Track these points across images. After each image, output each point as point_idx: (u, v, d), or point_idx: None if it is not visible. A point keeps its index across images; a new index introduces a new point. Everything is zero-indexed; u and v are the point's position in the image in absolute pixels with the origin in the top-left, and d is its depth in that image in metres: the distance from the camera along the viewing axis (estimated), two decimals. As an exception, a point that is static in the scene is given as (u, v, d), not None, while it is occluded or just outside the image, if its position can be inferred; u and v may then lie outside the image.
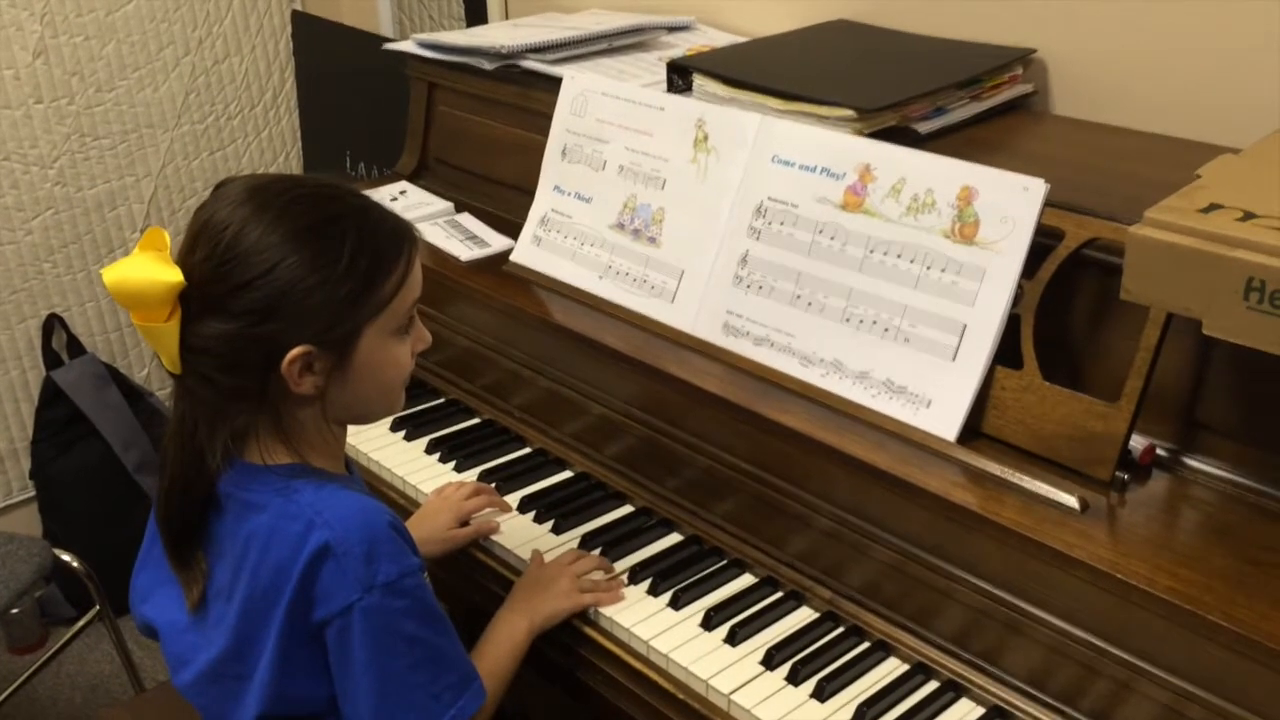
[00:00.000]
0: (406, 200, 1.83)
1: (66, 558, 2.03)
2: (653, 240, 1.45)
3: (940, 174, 1.21)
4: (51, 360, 2.48)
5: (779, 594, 1.26)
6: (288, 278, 0.98)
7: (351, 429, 1.17)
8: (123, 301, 0.96)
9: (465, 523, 1.39)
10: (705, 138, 1.41)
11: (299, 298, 0.98)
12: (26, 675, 2.15)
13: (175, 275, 0.95)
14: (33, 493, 2.54)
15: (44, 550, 1.98)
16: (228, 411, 1.02)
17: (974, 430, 1.17)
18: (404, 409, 1.58)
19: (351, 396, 1.06)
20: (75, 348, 2.53)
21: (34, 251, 2.46)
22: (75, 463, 2.45)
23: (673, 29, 1.87)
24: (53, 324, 2.50)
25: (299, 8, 2.72)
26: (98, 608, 2.08)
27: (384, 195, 1.81)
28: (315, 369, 1.01)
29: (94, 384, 2.47)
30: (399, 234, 1.05)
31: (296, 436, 1.05)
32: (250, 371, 1.00)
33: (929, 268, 1.20)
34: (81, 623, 2.12)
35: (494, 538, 1.38)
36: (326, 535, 0.99)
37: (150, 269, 0.95)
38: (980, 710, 1.11)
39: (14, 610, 2.33)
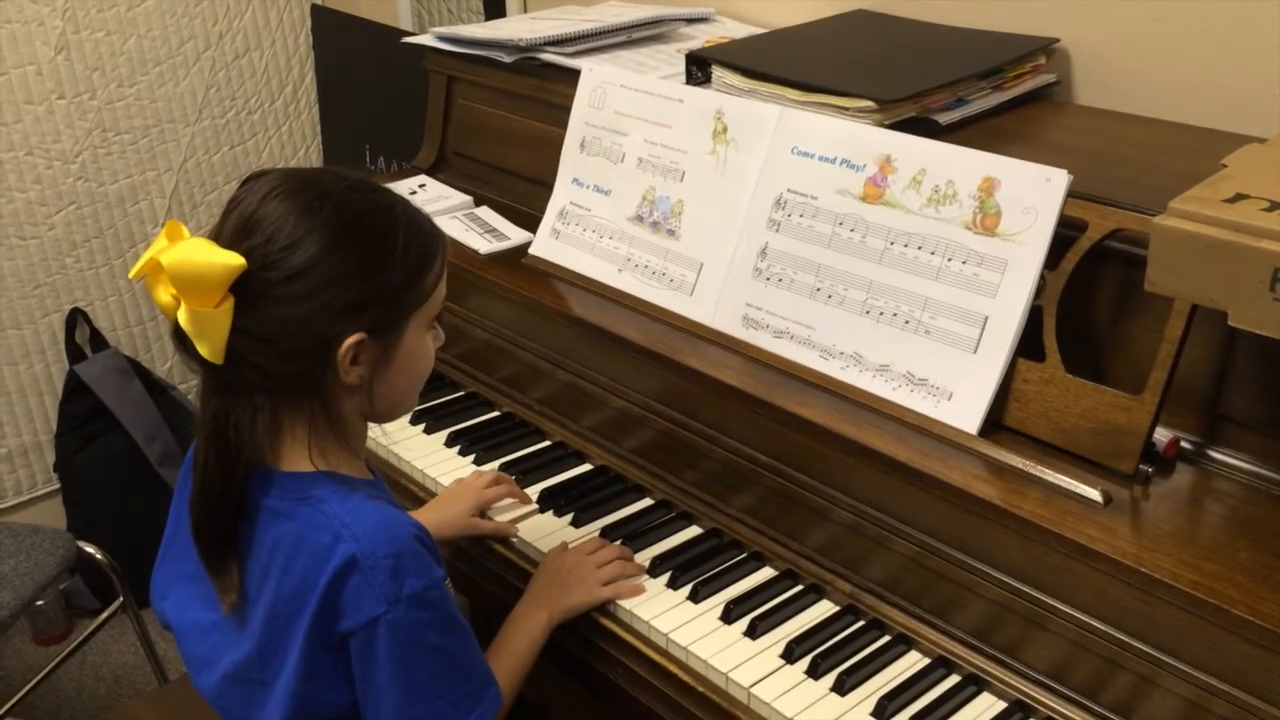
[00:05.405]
0: (425, 194, 1.83)
1: (90, 550, 2.05)
2: (672, 233, 1.45)
3: (961, 165, 1.20)
4: (74, 354, 2.50)
5: (799, 587, 1.26)
6: (347, 264, 0.98)
7: (372, 424, 1.17)
8: (180, 285, 0.95)
9: (485, 513, 1.39)
10: (724, 130, 1.41)
11: (355, 284, 0.99)
12: (51, 666, 2.16)
13: (236, 259, 0.95)
14: (57, 485, 2.57)
15: (68, 542, 2.00)
16: (269, 403, 1.02)
17: (996, 423, 1.17)
18: (424, 402, 1.60)
19: (387, 388, 1.06)
20: (98, 342, 2.55)
21: (57, 246, 2.48)
22: (99, 456, 2.47)
23: (691, 20, 1.87)
24: (75, 318, 2.51)
25: (318, 2, 2.73)
26: (121, 599, 2.09)
27: (403, 189, 1.81)
28: (361, 360, 1.02)
29: (117, 378, 2.49)
30: (435, 228, 1.08)
31: (335, 433, 1.06)
32: (302, 359, 1.00)
33: (950, 260, 1.20)
34: (105, 614, 2.13)
35: (513, 530, 1.39)
36: (354, 548, 0.98)
37: (210, 252, 0.95)
38: (1002, 704, 1.11)
39: (39, 602, 2.35)
